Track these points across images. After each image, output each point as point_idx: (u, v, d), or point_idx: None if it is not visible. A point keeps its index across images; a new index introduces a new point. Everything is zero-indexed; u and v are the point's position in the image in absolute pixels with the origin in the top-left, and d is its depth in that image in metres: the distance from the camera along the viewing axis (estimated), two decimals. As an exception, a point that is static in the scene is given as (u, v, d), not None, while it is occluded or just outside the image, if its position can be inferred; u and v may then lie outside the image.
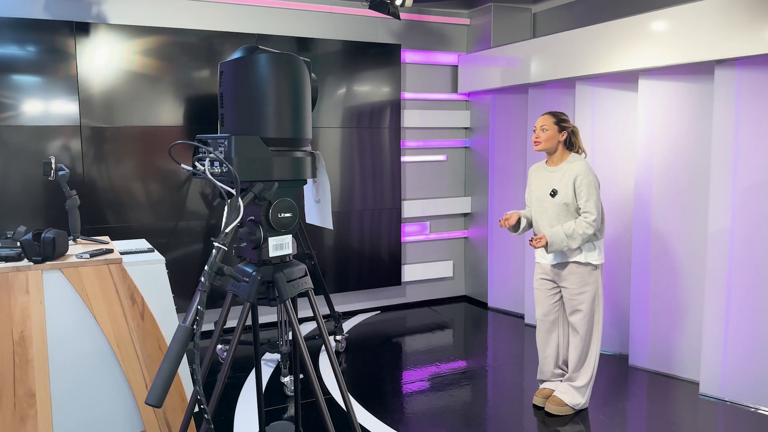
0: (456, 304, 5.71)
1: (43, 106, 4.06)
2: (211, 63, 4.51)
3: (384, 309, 5.49)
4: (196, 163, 1.52)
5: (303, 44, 4.86)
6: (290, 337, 3.99)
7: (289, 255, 1.68)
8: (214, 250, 1.38)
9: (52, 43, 4.06)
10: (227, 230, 1.39)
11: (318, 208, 1.75)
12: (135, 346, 2.41)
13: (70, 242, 2.53)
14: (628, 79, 4.13)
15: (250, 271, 1.67)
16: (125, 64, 4.27)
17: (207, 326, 4.68)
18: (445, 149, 5.65)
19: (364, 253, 5.24)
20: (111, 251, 2.49)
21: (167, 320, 2.50)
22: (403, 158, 5.38)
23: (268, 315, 4.99)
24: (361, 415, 3.40)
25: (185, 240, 4.54)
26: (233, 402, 3.51)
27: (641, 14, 3.82)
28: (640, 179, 3.98)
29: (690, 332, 3.79)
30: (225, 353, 4.22)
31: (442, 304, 5.71)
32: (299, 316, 5.06)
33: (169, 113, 4.42)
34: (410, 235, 5.55)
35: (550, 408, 3.38)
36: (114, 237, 4.12)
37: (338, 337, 4.44)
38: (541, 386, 3.53)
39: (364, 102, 5.13)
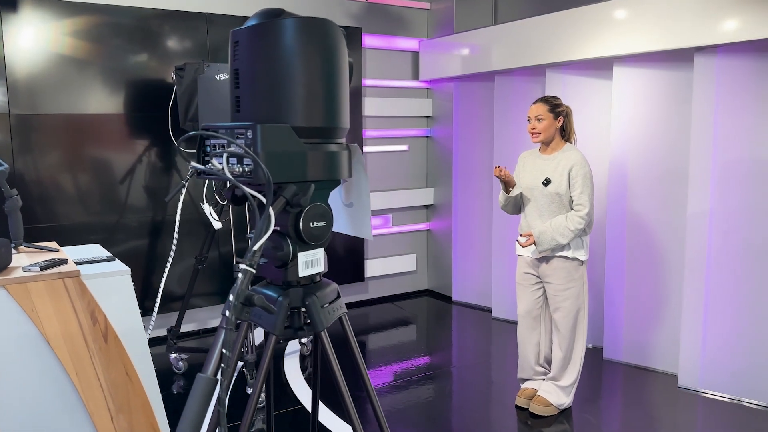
0: (419, 299, 5.52)
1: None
2: (150, 46, 4.07)
3: (346, 306, 5.21)
4: (213, 161, 1.17)
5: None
6: (255, 343, 3.67)
7: (320, 273, 1.37)
8: (240, 275, 1.04)
9: (-30, 16, 3.52)
10: (256, 247, 1.07)
11: (350, 214, 1.44)
12: (97, 373, 2.04)
13: (13, 251, 2.12)
14: (601, 66, 4.02)
15: (275, 295, 1.33)
16: (56, 47, 3.77)
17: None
18: (406, 139, 5.41)
19: (325, 250, 4.93)
20: (65, 261, 2.10)
21: (135, 341, 2.14)
22: (364, 148, 5.11)
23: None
24: (326, 416, 3.17)
25: (123, 237, 4.10)
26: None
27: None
28: (614, 168, 3.89)
29: (667, 324, 3.74)
30: (180, 362, 3.84)
31: (405, 299, 5.50)
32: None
33: (105, 100, 3.96)
34: (373, 228, 5.29)
35: (534, 408, 3.25)
36: (45, 236, 3.66)
37: (303, 340, 4.14)
38: (523, 386, 3.39)
39: (324, 88, 4.80)
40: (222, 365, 1.01)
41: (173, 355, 3.82)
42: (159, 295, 3.33)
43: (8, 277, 1.93)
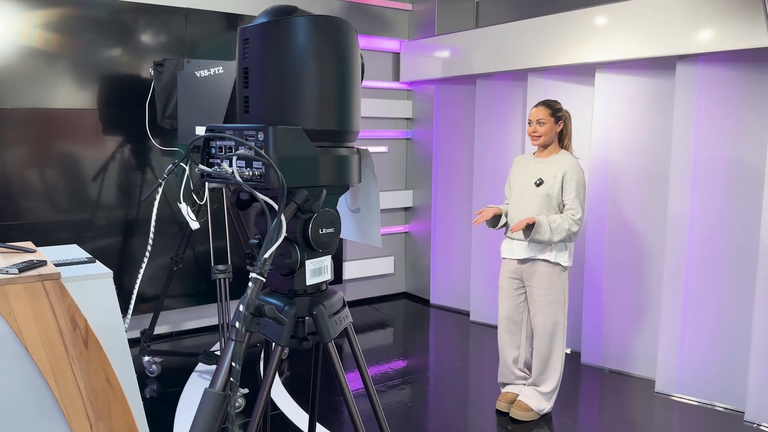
0: (396, 301, 5.49)
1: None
2: (124, 40, 3.95)
3: (323, 309, 5.15)
4: (223, 164, 1.10)
5: (233, 21, 4.39)
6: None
7: (326, 282, 1.32)
8: (250, 283, 0.98)
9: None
10: (266, 255, 1.01)
11: (356, 220, 1.38)
12: (77, 381, 1.95)
13: (-13, 252, 2.01)
14: (583, 72, 4.05)
15: (281, 305, 1.27)
16: (23, 39, 3.63)
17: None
18: (386, 140, 5.38)
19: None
20: (44, 263, 2.00)
21: (116, 347, 2.05)
22: (344, 149, 5.06)
23: (206, 319, 4.53)
24: (300, 419, 3.12)
25: (94, 236, 3.96)
26: (169, 421, 3.09)
27: (599, 6, 3.74)
28: (595, 173, 3.93)
29: (645, 330, 3.79)
30: (153, 365, 3.73)
31: (383, 301, 5.46)
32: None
33: (75, 94, 3.82)
34: (350, 230, 5.25)
35: (515, 413, 3.25)
36: (13, 234, 3.52)
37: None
38: (504, 390, 3.39)
39: (304, 87, 4.74)
40: (231, 379, 0.96)
41: (146, 358, 3.72)
42: (134, 296, 3.23)
43: (-16, 280, 1.83)
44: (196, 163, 1.19)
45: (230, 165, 1.08)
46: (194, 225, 3.39)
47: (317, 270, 1.28)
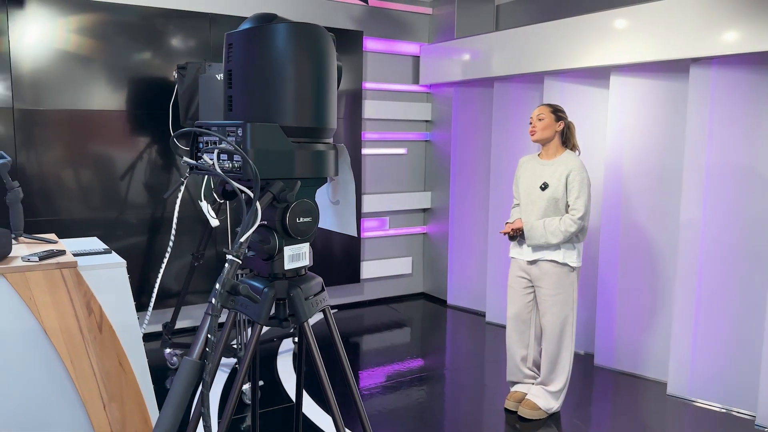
0: (414, 302, 5.56)
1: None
2: (154, 44, 4.13)
3: (342, 307, 5.26)
4: (204, 156, 1.23)
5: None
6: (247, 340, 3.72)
7: (305, 267, 1.43)
8: (226, 264, 1.11)
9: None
10: (243, 239, 1.12)
11: (336, 211, 1.50)
12: (92, 363, 2.09)
13: (13, 242, 2.17)
14: (598, 75, 4.07)
15: (261, 287, 1.39)
16: (61, 43, 3.83)
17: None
18: (405, 142, 5.47)
19: (321, 250, 4.99)
20: (62, 252, 2.15)
21: (128, 332, 2.19)
22: (363, 151, 5.16)
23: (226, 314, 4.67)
24: (318, 416, 3.20)
25: (123, 234, 4.15)
26: (187, 410, 3.22)
27: (615, 9, 3.76)
28: (609, 177, 3.94)
29: (658, 332, 3.78)
30: (174, 357, 3.89)
31: (401, 301, 5.54)
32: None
33: (108, 96, 4.02)
34: (369, 230, 5.34)
35: (523, 412, 3.28)
36: (46, 230, 3.71)
37: (296, 339, 4.19)
38: (513, 389, 3.43)
39: (324, 90, 4.86)
40: (207, 349, 1.06)
41: (168, 351, 3.87)
42: (155, 290, 3.39)
43: (7, 266, 1.98)
44: (180, 156, 1.30)
45: (210, 158, 1.20)
46: (214, 222, 3.53)
47: (295, 256, 1.38)
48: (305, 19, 4.75)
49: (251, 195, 1.20)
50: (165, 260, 3.34)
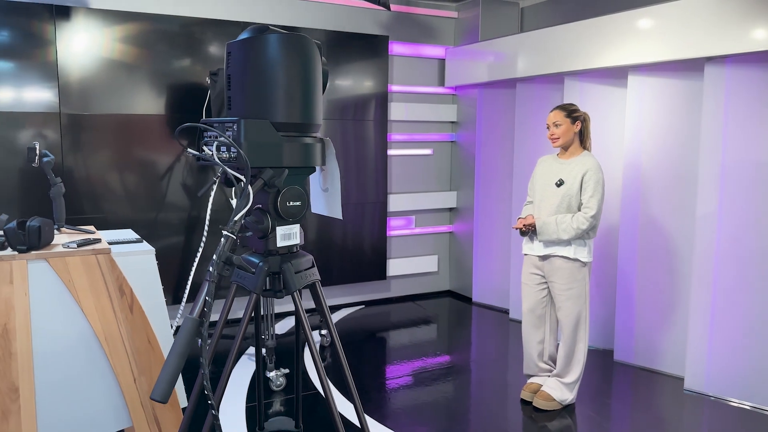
0: (440, 299, 5.69)
1: (21, 93, 3.92)
2: (192, 51, 4.41)
3: (368, 303, 5.44)
4: (204, 148, 1.45)
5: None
6: (274, 331, 3.93)
7: (296, 245, 1.63)
8: (222, 239, 1.32)
9: (31, 27, 3.91)
10: (236, 218, 1.33)
11: (325, 197, 1.70)
12: (123, 340, 2.33)
13: (56, 232, 2.43)
14: (617, 75, 4.14)
15: (257, 261, 1.61)
16: (105, 52, 4.14)
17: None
18: (431, 143, 5.62)
19: (349, 247, 5.18)
20: (98, 241, 2.40)
21: (157, 313, 2.42)
22: (389, 151, 5.34)
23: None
24: (347, 409, 3.36)
25: (163, 233, 4.43)
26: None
27: (631, 10, 3.83)
28: (627, 175, 4.00)
29: (675, 328, 3.82)
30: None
31: (426, 298, 5.68)
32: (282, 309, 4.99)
33: (149, 101, 4.31)
34: (396, 229, 5.51)
35: (538, 403, 3.38)
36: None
37: (323, 332, 4.39)
38: (529, 381, 3.53)
39: (351, 94, 5.06)
40: (205, 309, 1.26)
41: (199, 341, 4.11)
42: (188, 284, 3.63)
43: (50, 252, 2.24)
44: (184, 147, 1.51)
45: (211, 149, 1.41)
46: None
47: (286, 235, 1.58)
48: (337, 25, 4.99)
49: (242, 179, 1.40)
50: (197, 256, 3.58)
